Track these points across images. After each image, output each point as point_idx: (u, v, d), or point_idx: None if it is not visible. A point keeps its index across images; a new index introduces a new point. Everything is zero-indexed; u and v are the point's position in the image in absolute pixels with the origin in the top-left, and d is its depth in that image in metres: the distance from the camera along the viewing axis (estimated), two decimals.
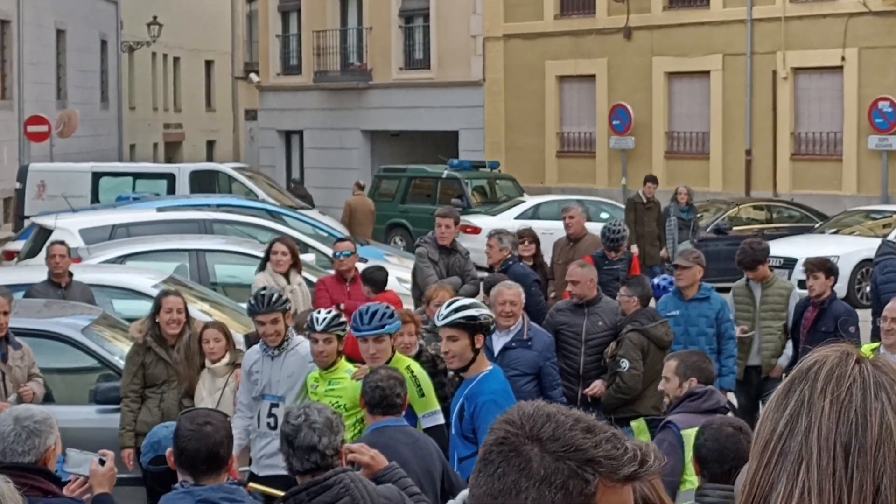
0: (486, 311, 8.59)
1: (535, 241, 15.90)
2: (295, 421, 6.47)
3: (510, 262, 14.61)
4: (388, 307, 9.30)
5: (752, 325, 13.18)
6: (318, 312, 9.56)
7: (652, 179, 26.38)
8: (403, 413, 7.86)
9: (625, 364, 11.85)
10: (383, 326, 8.97)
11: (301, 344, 9.78)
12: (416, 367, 9.22)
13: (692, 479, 7.37)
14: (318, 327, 9.26)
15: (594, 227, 25.73)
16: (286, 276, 13.96)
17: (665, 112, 35.80)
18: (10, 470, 5.74)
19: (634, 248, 20.02)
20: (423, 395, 9.01)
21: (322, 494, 5.98)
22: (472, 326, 8.37)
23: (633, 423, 9.04)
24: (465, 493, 3.11)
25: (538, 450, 2.34)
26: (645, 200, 25.60)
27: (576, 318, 12.27)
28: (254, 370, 9.93)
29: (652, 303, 12.96)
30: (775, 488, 2.27)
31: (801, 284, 14.50)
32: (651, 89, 35.77)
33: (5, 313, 10.67)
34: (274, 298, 9.91)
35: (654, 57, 35.59)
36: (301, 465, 6.26)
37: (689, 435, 7.89)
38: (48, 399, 11.16)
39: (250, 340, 11.94)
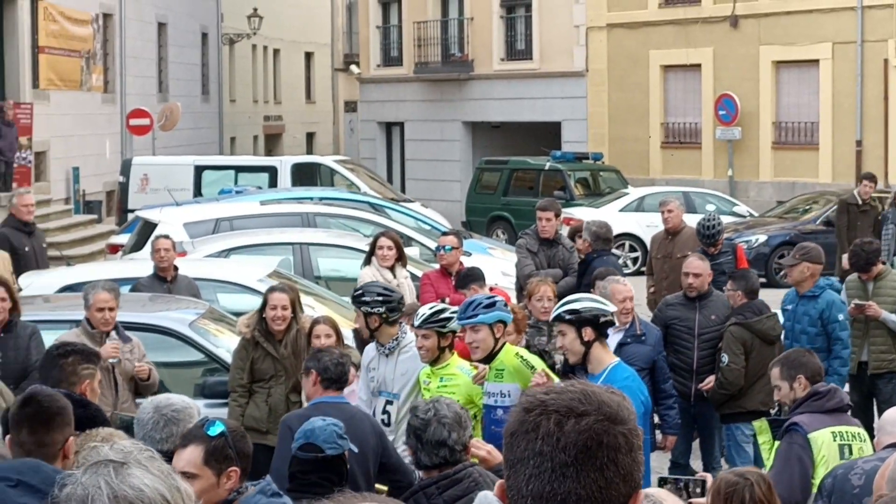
0: (595, 304, 8.47)
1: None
2: (424, 416, 6.62)
3: (595, 256, 14.44)
4: (489, 297, 9.14)
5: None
6: (421, 308, 9.55)
7: (870, 178, 22.43)
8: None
9: (725, 359, 11.73)
10: (476, 316, 8.88)
11: (414, 342, 9.60)
12: (525, 352, 9.14)
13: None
14: (416, 322, 9.28)
15: (695, 220, 25.37)
16: (392, 270, 13.81)
17: (772, 102, 35.22)
18: None
19: (845, 260, 16.71)
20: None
21: (452, 488, 6.11)
22: (576, 320, 8.31)
23: (756, 423, 8.81)
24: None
25: (550, 422, 2.70)
26: (860, 202, 21.94)
27: (688, 312, 12.24)
28: (371, 367, 9.88)
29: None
30: None
31: None
32: (758, 79, 35.21)
33: (111, 309, 10.57)
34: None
35: (762, 46, 35.03)
36: (430, 459, 6.34)
37: (816, 437, 7.65)
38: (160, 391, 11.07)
39: (359, 335, 11.79)
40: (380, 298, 9.91)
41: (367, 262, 14.16)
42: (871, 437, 7.64)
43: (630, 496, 2.64)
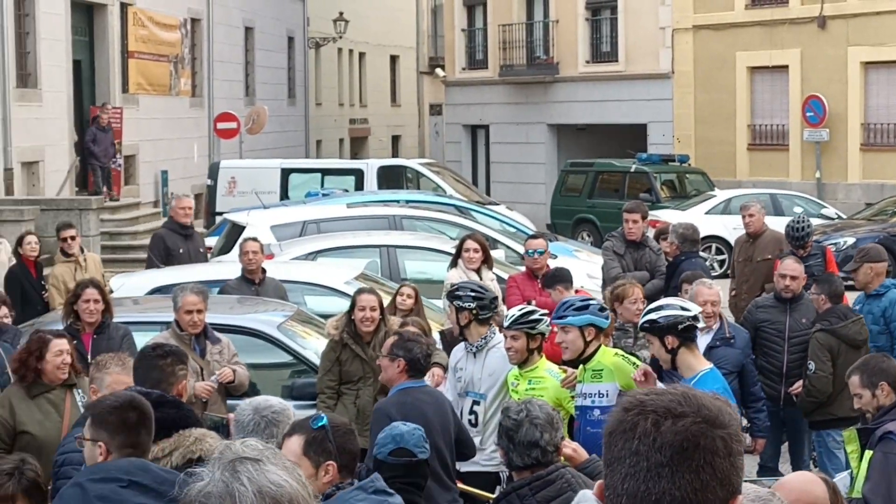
0: (672, 312, 8.34)
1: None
2: (516, 416, 6.64)
3: (682, 258, 14.36)
4: (583, 300, 9.11)
5: None
6: (511, 309, 9.58)
7: None
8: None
9: (812, 366, 11.57)
10: (565, 317, 8.90)
11: (502, 342, 9.61)
12: (623, 353, 9.13)
13: None
14: (506, 323, 9.31)
15: (784, 222, 25.18)
16: (478, 272, 13.83)
17: (861, 103, 34.84)
18: None
19: None
20: None
21: (545, 489, 6.16)
22: (656, 330, 8.27)
23: (845, 433, 8.62)
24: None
25: (647, 422, 2.71)
26: None
27: (778, 314, 12.13)
28: (458, 367, 9.91)
29: None
30: None
31: None
32: (846, 80, 34.85)
33: (199, 311, 10.66)
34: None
35: (850, 46, 34.66)
36: (522, 460, 6.37)
37: None
38: (253, 393, 11.14)
39: (445, 337, 11.82)
40: (472, 294, 10.03)
41: (454, 264, 14.18)
42: None
43: (727, 501, 2.63)
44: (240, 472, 3.09)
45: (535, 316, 9.33)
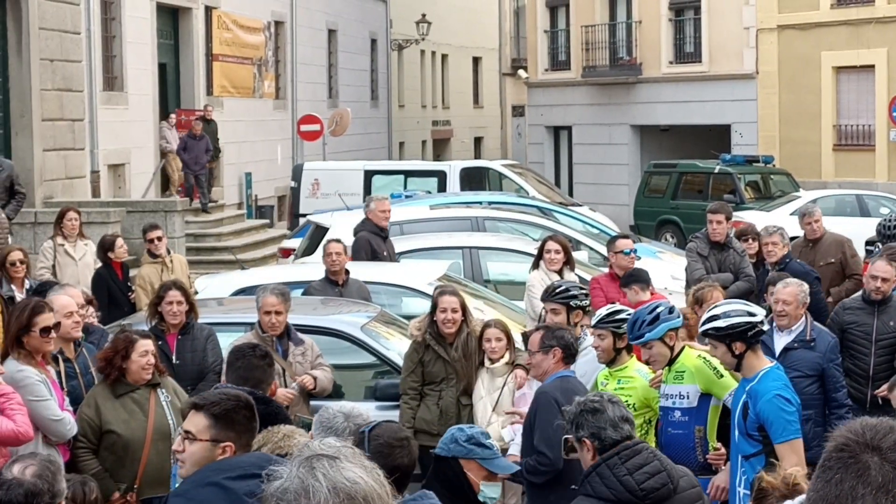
0: (741, 318, 8.26)
1: (758, 238, 15.39)
2: (596, 398, 6.67)
3: (787, 260, 14.22)
4: (651, 311, 9.00)
5: None
6: (599, 309, 9.61)
7: None
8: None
9: None
10: (643, 335, 8.86)
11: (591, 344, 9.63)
12: (706, 354, 9.03)
13: None
14: (593, 322, 9.41)
15: (870, 223, 24.90)
16: (560, 273, 13.81)
17: None
18: None
19: None
20: (721, 375, 8.85)
21: (634, 458, 6.32)
22: (723, 336, 8.21)
23: None
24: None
25: (878, 458, 2.39)
26: None
27: (865, 317, 11.99)
28: None
29: None
30: None
31: None
32: None
33: (279, 313, 10.70)
34: (559, 289, 10.29)
35: None
36: (617, 433, 6.43)
37: None
38: (337, 394, 11.19)
39: (527, 338, 11.79)
40: (584, 292, 10.29)
41: (536, 265, 14.16)
42: None
43: None
44: (315, 469, 3.14)
45: (623, 315, 9.32)
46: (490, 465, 6.69)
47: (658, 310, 9.00)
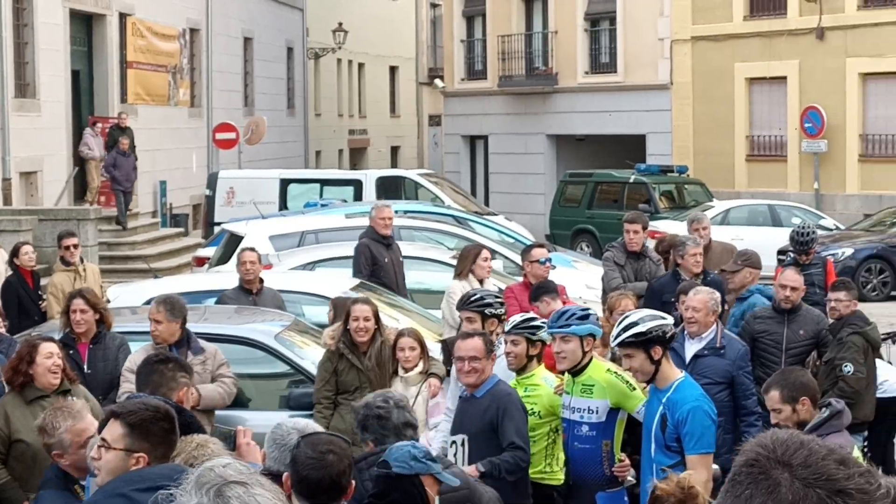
0: (658, 322, 8.29)
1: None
2: (384, 403, 6.86)
3: (711, 273, 14.25)
4: (584, 309, 9.09)
5: None
6: (513, 315, 9.62)
7: None
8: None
9: (848, 368, 11.59)
10: (569, 326, 8.82)
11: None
12: (615, 367, 9.05)
13: None
14: (507, 328, 9.36)
15: (782, 233, 25.12)
16: (481, 283, 13.86)
17: (859, 114, 34.87)
18: (274, 477, 5.76)
19: None
20: (633, 388, 8.84)
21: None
22: (643, 342, 8.16)
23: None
24: None
25: (788, 475, 2.35)
26: None
27: (776, 325, 12.05)
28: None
29: None
30: None
31: None
32: (844, 91, 34.89)
33: (157, 322, 10.58)
34: (474, 298, 10.27)
35: (848, 58, 34.70)
36: (399, 440, 6.54)
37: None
38: (239, 404, 11.11)
39: (448, 346, 11.80)
40: (499, 301, 10.39)
41: (461, 274, 14.18)
42: None
43: None
44: (230, 498, 3.02)
45: (537, 322, 9.35)
46: (443, 477, 6.68)
47: (590, 312, 9.08)
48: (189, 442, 6.21)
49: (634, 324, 8.25)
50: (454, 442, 8.84)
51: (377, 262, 16.19)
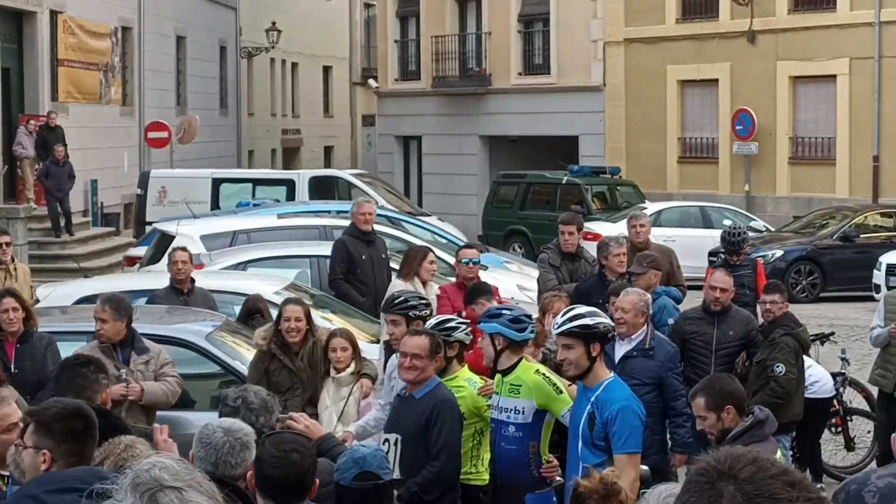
0: (603, 319, 8.38)
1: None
2: (233, 404, 6.91)
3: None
4: (500, 308, 9.10)
5: None
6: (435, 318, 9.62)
7: None
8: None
9: (780, 368, 11.73)
10: (479, 322, 8.95)
11: None
12: (545, 369, 9.07)
13: None
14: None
15: (713, 234, 25.27)
16: (424, 284, 13.89)
17: (790, 117, 35.20)
18: (223, 482, 5.68)
19: None
20: (560, 391, 8.85)
21: None
22: (587, 335, 8.19)
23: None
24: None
25: (732, 487, 2.40)
26: None
27: (706, 326, 12.15)
28: (393, 375, 9.86)
29: None
30: None
31: None
32: (775, 94, 35.21)
33: (103, 321, 10.57)
34: (398, 300, 10.10)
35: (779, 61, 35.02)
36: None
37: None
38: (183, 404, 11.08)
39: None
40: (424, 302, 10.28)
41: (404, 274, 14.17)
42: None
43: None
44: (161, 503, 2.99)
45: (452, 324, 9.34)
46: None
47: (505, 311, 9.10)
48: (117, 444, 6.18)
49: (582, 316, 8.28)
50: (387, 440, 8.81)
51: (354, 260, 16.03)
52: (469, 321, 9.86)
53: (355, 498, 6.45)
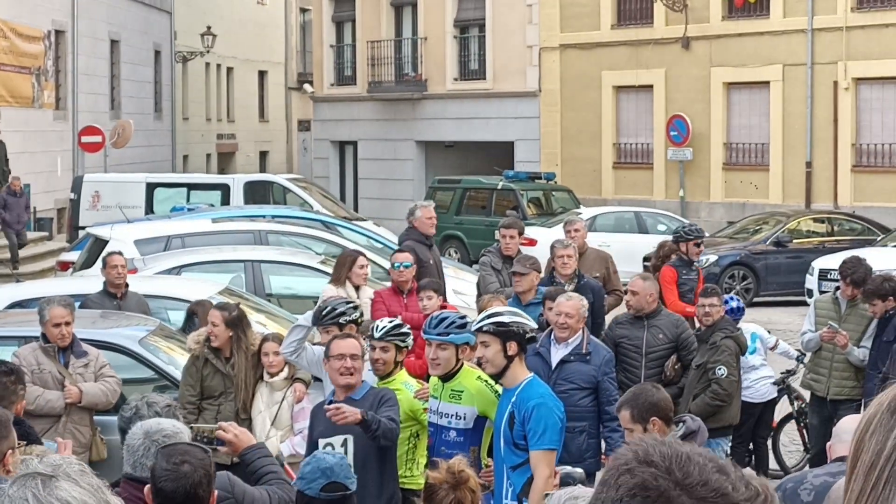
0: (521, 319, 8.41)
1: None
2: (127, 414, 6.79)
3: (583, 276, 14.34)
4: (462, 317, 9.10)
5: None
6: (381, 321, 9.51)
7: None
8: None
9: (722, 371, 11.84)
10: (448, 335, 8.80)
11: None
12: (486, 375, 9.01)
13: None
14: (377, 335, 9.22)
15: (648, 240, 25.42)
16: (357, 289, 13.86)
17: (724, 123, 35.45)
18: (138, 483, 5.80)
19: None
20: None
21: None
22: (503, 333, 8.24)
23: None
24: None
25: (687, 497, 2.26)
26: None
27: (636, 330, 12.24)
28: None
29: None
30: None
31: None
32: (709, 100, 35.44)
33: (68, 324, 10.70)
34: (326, 312, 9.98)
35: (713, 67, 35.26)
36: None
37: None
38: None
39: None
40: (352, 305, 10.17)
41: (337, 280, 14.13)
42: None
43: None
44: (27, 488, 2.96)
45: (405, 329, 9.34)
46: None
47: (468, 320, 9.05)
48: (30, 453, 6.17)
49: (499, 314, 8.38)
50: (330, 444, 8.70)
51: (423, 265, 15.84)
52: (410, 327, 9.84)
53: None
